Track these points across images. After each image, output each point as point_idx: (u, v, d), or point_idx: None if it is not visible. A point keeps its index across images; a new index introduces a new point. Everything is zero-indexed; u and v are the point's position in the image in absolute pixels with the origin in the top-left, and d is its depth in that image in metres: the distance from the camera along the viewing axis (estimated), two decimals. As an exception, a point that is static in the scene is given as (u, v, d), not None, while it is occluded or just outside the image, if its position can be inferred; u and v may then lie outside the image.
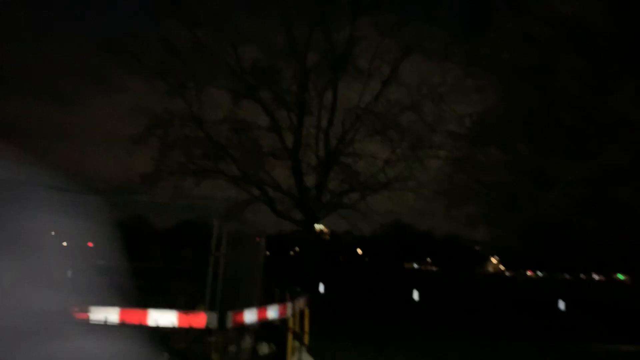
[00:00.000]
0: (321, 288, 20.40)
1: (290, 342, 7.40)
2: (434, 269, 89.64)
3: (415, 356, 8.76)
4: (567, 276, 74.88)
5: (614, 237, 12.58)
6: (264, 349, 7.75)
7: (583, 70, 10.64)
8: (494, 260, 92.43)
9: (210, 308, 5.67)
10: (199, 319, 5.59)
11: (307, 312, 8.51)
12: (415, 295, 21.65)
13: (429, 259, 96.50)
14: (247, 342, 7.52)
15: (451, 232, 79.41)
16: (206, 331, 5.64)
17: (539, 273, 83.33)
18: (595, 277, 74.95)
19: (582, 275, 75.38)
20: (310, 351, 7.85)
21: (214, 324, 5.58)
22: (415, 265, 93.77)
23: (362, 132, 15.76)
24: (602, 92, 10.22)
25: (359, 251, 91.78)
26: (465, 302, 22.32)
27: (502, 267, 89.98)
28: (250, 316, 6.25)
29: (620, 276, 65.68)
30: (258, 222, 17.93)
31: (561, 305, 20.96)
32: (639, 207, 9.47)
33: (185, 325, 5.66)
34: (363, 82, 15.62)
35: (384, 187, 15.77)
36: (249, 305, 6.42)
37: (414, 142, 14.88)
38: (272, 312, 6.87)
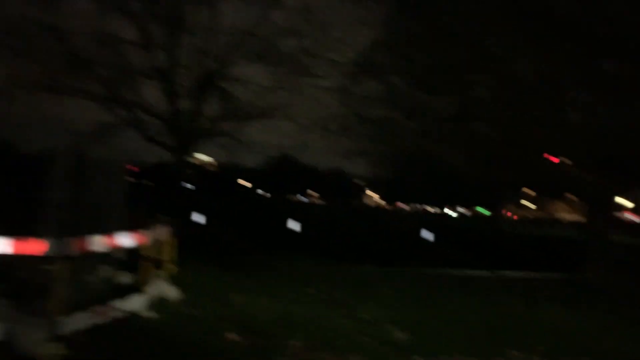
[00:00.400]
0: (201, 218, 20.08)
1: (147, 271, 7.05)
2: (319, 201, 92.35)
3: (279, 277, 8.87)
4: (438, 209, 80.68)
5: (478, 172, 13.42)
6: (124, 278, 7.35)
7: (462, 7, 10.79)
8: (374, 194, 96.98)
9: (50, 235, 5.15)
10: (37, 246, 5.08)
11: (172, 241, 8.18)
12: (296, 225, 22.08)
13: (314, 192, 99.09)
14: (105, 271, 7.07)
15: (335, 166, 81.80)
16: (46, 259, 5.16)
17: (417, 206, 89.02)
18: (461, 210, 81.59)
19: (450, 209, 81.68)
20: (173, 280, 7.57)
21: (55, 251, 5.11)
22: (302, 198, 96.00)
23: (242, 56, 15.05)
24: (478, 30, 10.48)
25: (246, 183, 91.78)
26: (344, 232, 23.18)
27: (381, 201, 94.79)
28: (98, 243, 5.78)
29: (482, 210, 72.00)
30: (127, 147, 16.89)
31: (429, 235, 22.53)
32: (499, 143, 10.05)
33: (22, 252, 5.16)
34: (245, 2, 14.74)
35: (264, 115, 15.39)
36: (101, 232, 5.96)
37: (295, 69, 14.50)
38: (126, 240, 6.43)
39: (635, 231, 35.30)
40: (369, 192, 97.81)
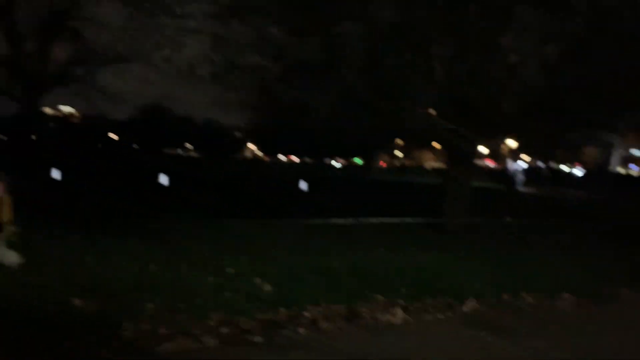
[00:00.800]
0: (57, 174, 18.44)
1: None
2: (194, 154, 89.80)
3: (141, 236, 8.30)
4: (315, 160, 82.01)
5: (349, 123, 13.53)
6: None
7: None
8: (253, 146, 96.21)
9: None
10: None
11: (7, 199, 7.23)
12: (165, 180, 21.15)
13: (189, 145, 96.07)
14: None
15: (211, 117, 79.65)
16: None
17: (294, 158, 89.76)
18: (339, 161, 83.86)
19: (332, 159, 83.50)
20: (12, 244, 6.73)
21: None
22: (179, 151, 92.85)
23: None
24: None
25: (114, 136, 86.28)
26: (219, 186, 22.63)
27: (260, 153, 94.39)
28: None
29: (357, 160, 74.62)
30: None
31: (304, 185, 22.79)
32: (366, 92, 10.07)
33: None
34: None
35: (121, 60, 14.07)
36: None
37: (154, 9, 13.30)
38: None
39: (491, 176, 38.67)
40: (248, 144, 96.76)
